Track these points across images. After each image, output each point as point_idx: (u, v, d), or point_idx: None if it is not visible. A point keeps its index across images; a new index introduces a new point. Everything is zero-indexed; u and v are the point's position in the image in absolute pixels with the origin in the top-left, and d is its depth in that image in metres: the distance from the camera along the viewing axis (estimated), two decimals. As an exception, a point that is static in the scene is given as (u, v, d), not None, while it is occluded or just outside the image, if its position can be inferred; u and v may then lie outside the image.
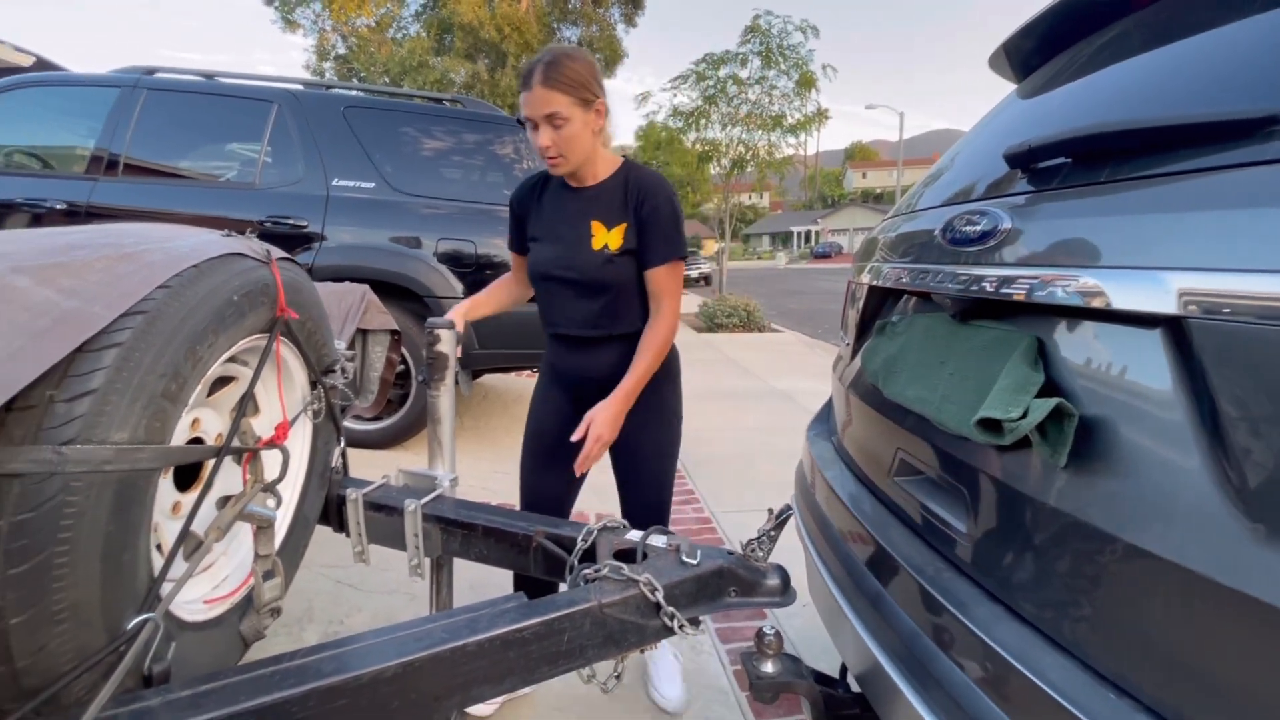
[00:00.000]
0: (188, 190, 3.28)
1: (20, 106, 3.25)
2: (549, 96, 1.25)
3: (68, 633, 0.62)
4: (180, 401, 0.73)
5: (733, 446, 4.07)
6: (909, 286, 1.19)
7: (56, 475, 0.59)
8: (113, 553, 0.64)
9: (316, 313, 1.06)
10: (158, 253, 0.73)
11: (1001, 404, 0.79)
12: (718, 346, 8.45)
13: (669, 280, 1.40)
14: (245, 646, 0.95)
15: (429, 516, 1.19)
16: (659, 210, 1.35)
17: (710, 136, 11.76)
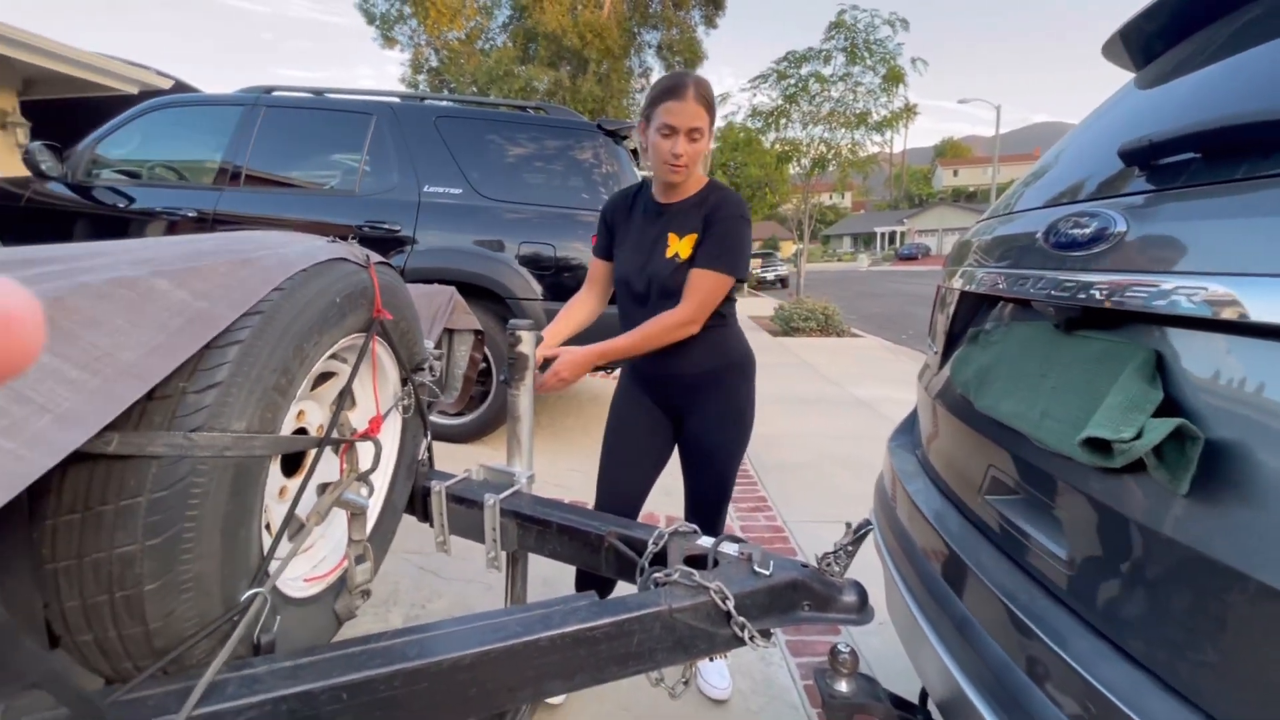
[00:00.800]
0: (297, 198, 3.57)
1: (159, 125, 3.65)
2: (699, 112, 1.34)
3: (191, 601, 0.69)
4: (289, 395, 0.79)
5: (807, 454, 3.96)
6: (1006, 293, 1.11)
7: (186, 459, 0.66)
8: (230, 530, 0.71)
9: (409, 314, 1.13)
10: (273, 258, 0.80)
11: (1112, 423, 0.72)
12: (794, 351, 8.26)
13: (703, 283, 1.41)
14: (338, 624, 1.02)
15: (506, 511, 1.23)
16: (722, 224, 1.40)
17: (790, 136, 11.52)
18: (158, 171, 3.69)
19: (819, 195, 12.98)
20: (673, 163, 1.36)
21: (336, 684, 0.72)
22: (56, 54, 6.02)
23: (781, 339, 9.42)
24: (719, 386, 1.54)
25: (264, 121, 3.53)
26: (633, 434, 1.61)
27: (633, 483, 1.61)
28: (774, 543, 2.72)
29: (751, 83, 11.10)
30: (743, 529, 2.85)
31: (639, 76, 11.32)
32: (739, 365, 1.56)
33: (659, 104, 1.35)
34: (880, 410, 5.11)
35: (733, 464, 1.59)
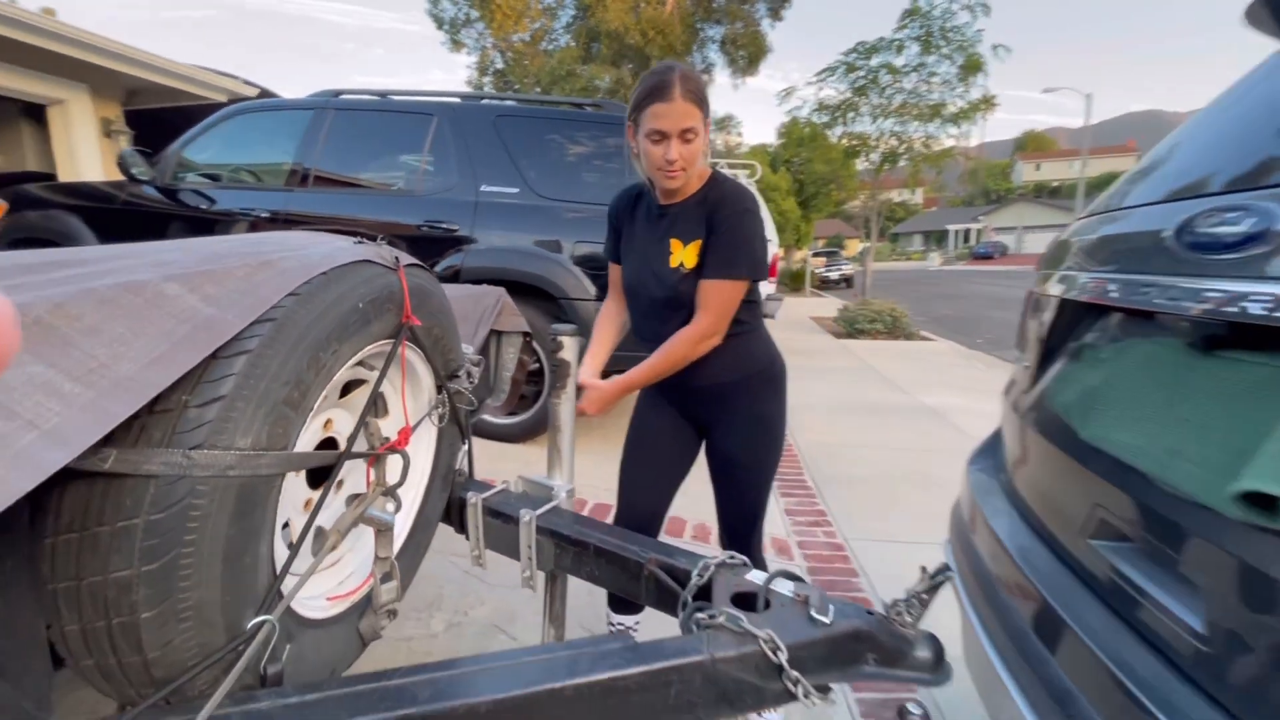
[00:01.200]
0: (361, 198, 3.65)
1: (238, 129, 3.81)
2: (689, 110, 1.22)
3: (191, 630, 0.64)
4: (303, 408, 0.74)
5: (872, 466, 3.74)
6: (1120, 302, 0.95)
7: (185, 479, 0.61)
8: (233, 556, 0.66)
9: (444, 319, 1.07)
10: (293, 260, 0.75)
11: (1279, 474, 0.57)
12: (858, 354, 7.91)
13: (717, 293, 1.29)
14: (363, 645, 0.98)
15: (543, 529, 1.16)
16: (727, 223, 1.28)
17: (858, 130, 11.06)
18: (236, 174, 3.86)
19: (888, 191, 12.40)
20: (667, 169, 1.25)
21: (341, 727, 0.66)
22: (156, 66, 6.46)
23: (845, 341, 9.07)
24: (744, 397, 1.43)
25: (332, 124, 3.64)
26: (653, 444, 1.53)
27: (653, 495, 1.53)
28: (833, 561, 2.56)
29: (818, 76, 10.72)
30: (800, 545, 2.70)
31: (701, 72, 11.10)
32: (765, 374, 1.45)
33: (645, 107, 1.23)
34: (951, 420, 4.79)
35: (763, 480, 1.48)
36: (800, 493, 3.31)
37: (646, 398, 1.57)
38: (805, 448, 4.06)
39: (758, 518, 1.52)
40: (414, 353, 1.01)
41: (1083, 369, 1.02)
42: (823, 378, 6.35)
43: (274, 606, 0.72)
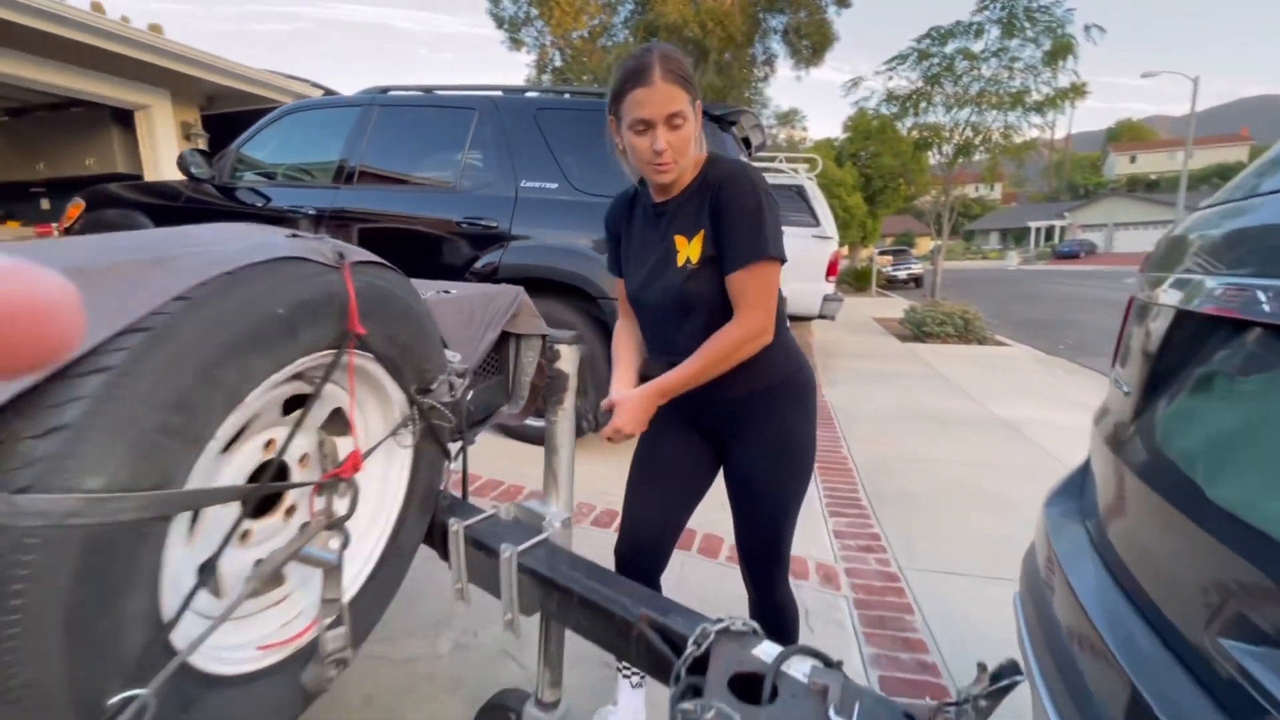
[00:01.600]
0: (404, 195, 3.62)
1: (291, 128, 3.88)
2: (673, 93, 1.09)
3: (24, 714, 0.52)
4: (198, 438, 0.61)
5: (933, 483, 3.41)
6: (1271, 318, 0.71)
7: (5, 530, 0.48)
8: (81, 623, 0.54)
9: (414, 324, 0.93)
10: (198, 257, 0.62)
11: None
12: (924, 358, 7.43)
13: (750, 284, 1.12)
14: (306, 699, 0.85)
15: (525, 567, 1.00)
16: (734, 202, 1.12)
17: (930, 121, 10.42)
18: (287, 171, 3.93)
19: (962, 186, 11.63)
20: (656, 162, 1.11)
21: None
22: (230, 71, 6.77)
23: (911, 345, 8.55)
24: (767, 410, 1.25)
25: (377, 121, 3.63)
26: (663, 463, 1.36)
27: (660, 522, 1.36)
28: (885, 594, 2.30)
29: (887, 64, 10.17)
30: (848, 573, 2.45)
31: (762, 64, 10.72)
32: (789, 384, 1.26)
33: (624, 96, 1.10)
34: (1027, 433, 4.36)
35: (788, 505, 1.29)
36: (852, 512, 3.04)
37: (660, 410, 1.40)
38: (861, 460, 3.77)
39: (782, 547, 1.33)
40: (372, 364, 0.88)
41: (1211, 404, 0.78)
42: (884, 383, 5.97)
43: (152, 676, 0.60)
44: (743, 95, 10.14)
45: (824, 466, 3.65)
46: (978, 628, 2.08)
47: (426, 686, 1.61)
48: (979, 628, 2.07)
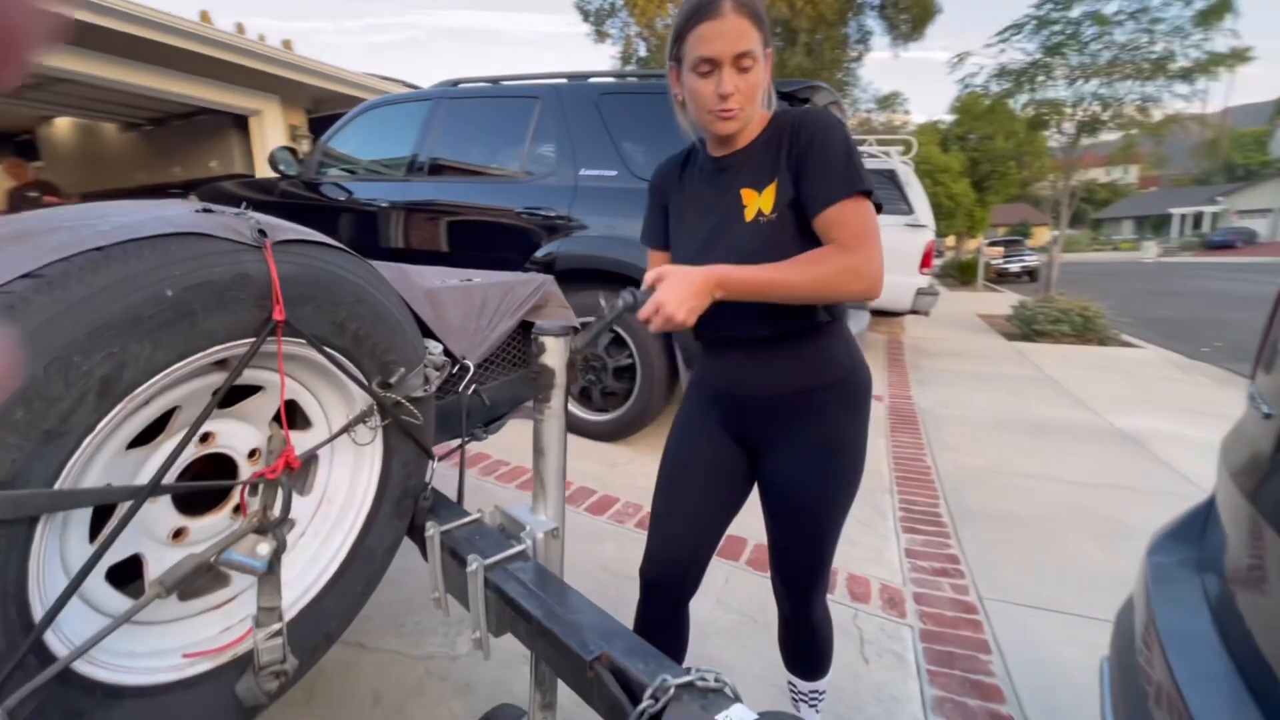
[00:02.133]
0: (468, 185, 3.66)
1: (371, 124, 4.03)
2: (744, 28, 0.95)
3: None
4: (58, 433, 0.55)
5: (1032, 502, 3.02)
6: None
7: None
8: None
9: (368, 310, 0.85)
10: (66, 232, 0.56)
11: None
12: (1034, 360, 6.71)
13: (853, 217, 0.95)
14: (243, 711, 0.79)
15: (491, 583, 0.90)
16: (816, 140, 0.98)
17: (1050, 96, 9.38)
18: (368, 165, 4.09)
19: (1088, 169, 10.38)
20: (720, 109, 0.97)
21: None
22: (336, 77, 7.22)
23: (1019, 344, 7.75)
24: (812, 413, 1.08)
25: (447, 113, 3.69)
26: (696, 471, 1.20)
27: (692, 539, 1.21)
28: (958, 626, 2.03)
29: (999, 35, 9.24)
30: (916, 598, 2.19)
31: (856, 43, 10.01)
32: (843, 385, 1.09)
33: (687, 33, 0.97)
34: (1152, 449, 3.79)
35: (830, 520, 1.12)
36: (930, 529, 2.73)
37: (689, 409, 1.25)
38: (947, 472, 3.41)
39: (822, 564, 1.18)
40: (312, 353, 0.80)
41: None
42: (982, 386, 5.43)
43: (12, 690, 0.54)
44: (834, 78, 9.56)
45: (903, 477, 3.33)
46: (1069, 677, 1.77)
47: (436, 688, 1.56)
48: (1071, 676, 1.77)
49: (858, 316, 4.04)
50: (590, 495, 2.81)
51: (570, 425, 3.67)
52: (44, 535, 0.58)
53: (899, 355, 6.85)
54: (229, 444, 0.79)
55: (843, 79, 10.07)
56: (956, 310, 11.19)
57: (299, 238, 0.75)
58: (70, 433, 0.56)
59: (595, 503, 2.75)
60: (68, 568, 0.61)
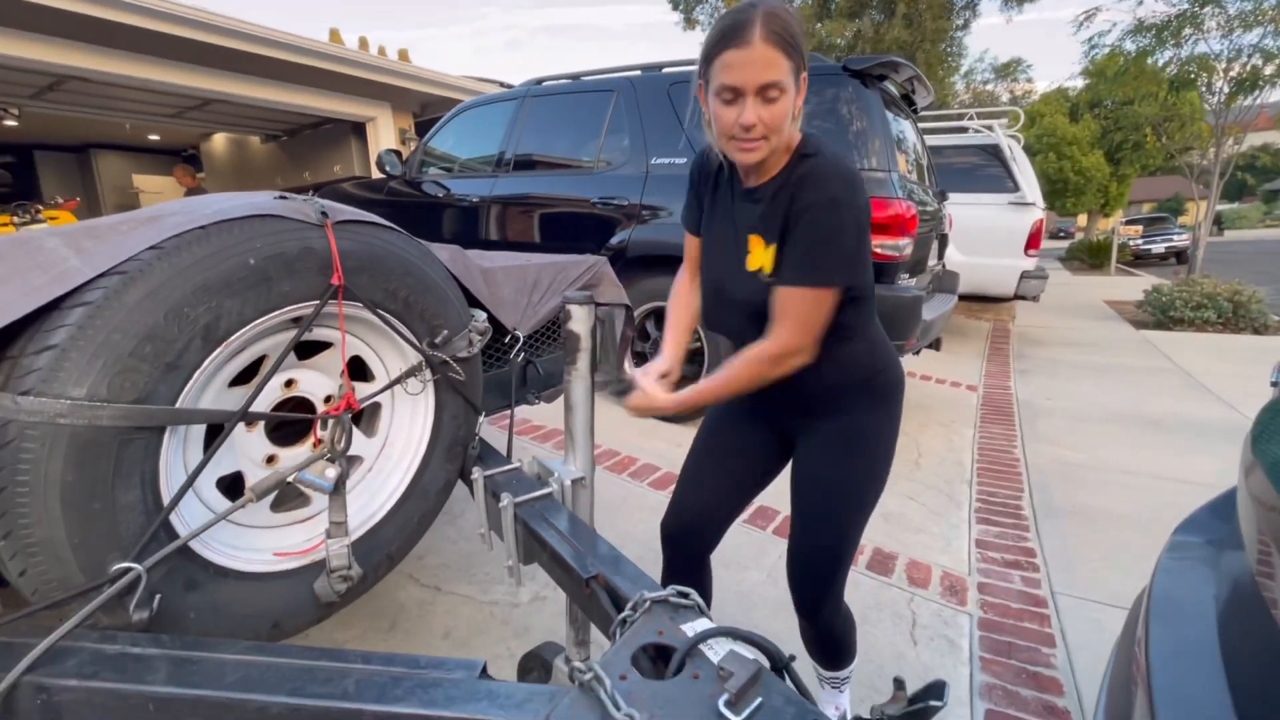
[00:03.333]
0: (548, 178, 3.86)
1: (465, 124, 4.34)
2: (772, 57, 0.92)
3: (44, 564, 0.69)
4: (175, 366, 0.73)
5: (1129, 500, 2.78)
6: None
7: (12, 422, 0.64)
8: (76, 500, 0.69)
9: (416, 281, 1.01)
10: (181, 215, 0.75)
11: None
12: (1163, 349, 6.03)
13: (793, 304, 1.00)
14: (321, 605, 0.98)
15: (519, 517, 1.04)
16: (806, 216, 0.98)
17: (1199, 53, 8.26)
18: (463, 163, 4.42)
19: (1242, 134, 8.98)
20: (742, 139, 0.96)
21: (147, 692, 0.64)
22: (439, 82, 7.78)
23: (1149, 333, 6.97)
24: (837, 409, 1.12)
25: (531, 111, 3.91)
26: (723, 448, 1.28)
27: (710, 507, 1.28)
28: (1022, 618, 1.95)
29: (1137, -14, 8.24)
30: (980, 587, 2.12)
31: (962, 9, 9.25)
32: (869, 385, 1.13)
33: (715, 58, 0.95)
34: (1300, 451, 3.32)
35: (849, 515, 1.15)
36: (1006, 521, 2.61)
37: None
38: (1036, 465, 3.21)
39: (838, 560, 1.19)
40: (370, 315, 0.97)
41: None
42: (1094, 377, 4.98)
43: (149, 555, 0.74)
44: (936, 50, 8.94)
45: (985, 468, 3.18)
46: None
47: (498, 630, 1.75)
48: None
49: (943, 300, 3.85)
50: (655, 471, 2.93)
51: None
52: (169, 444, 0.78)
53: (1003, 344, 6.39)
54: (308, 389, 0.98)
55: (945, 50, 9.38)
56: (1081, 296, 10.19)
57: (355, 218, 0.92)
58: (184, 367, 0.75)
59: (659, 478, 2.86)
60: (188, 469, 0.81)
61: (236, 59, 5.87)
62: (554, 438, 3.27)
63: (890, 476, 1.20)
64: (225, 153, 10.02)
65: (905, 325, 2.99)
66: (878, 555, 2.29)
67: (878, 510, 1.22)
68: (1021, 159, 5.84)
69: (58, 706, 0.65)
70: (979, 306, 7.88)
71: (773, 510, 2.51)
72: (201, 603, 0.83)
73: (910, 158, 3.55)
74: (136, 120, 8.05)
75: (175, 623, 0.80)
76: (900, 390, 1.16)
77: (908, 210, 2.92)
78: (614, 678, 0.63)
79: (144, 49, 5.59)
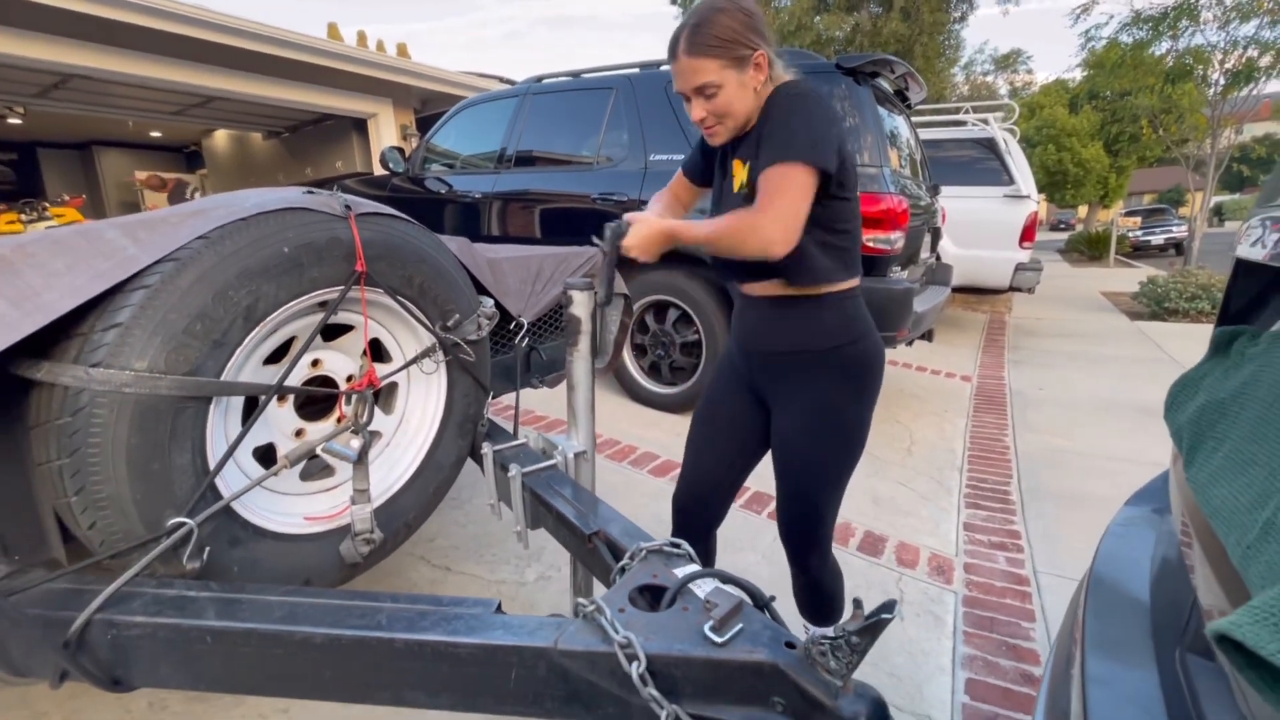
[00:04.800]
0: (549, 174, 3.94)
1: (466, 121, 4.42)
2: (696, 66, 1.11)
3: (110, 518, 0.78)
4: (221, 343, 0.83)
5: (1112, 484, 2.88)
6: None
7: (85, 390, 0.73)
8: (139, 461, 0.78)
9: (429, 268, 1.10)
10: (224, 209, 0.84)
11: None
12: (1156, 340, 6.11)
13: (769, 181, 1.06)
14: (346, 565, 1.07)
15: (527, 486, 1.14)
16: (774, 115, 1.11)
17: (1196, 44, 8.31)
18: (465, 160, 4.50)
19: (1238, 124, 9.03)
20: (703, 128, 1.19)
21: (204, 625, 0.74)
22: (440, 78, 7.84)
23: (1144, 324, 7.05)
24: (805, 375, 1.20)
25: (531, 107, 3.99)
26: (723, 418, 1.36)
27: (716, 478, 1.36)
28: (1005, 595, 2.05)
29: (1133, -21, 8.29)
30: (966, 568, 2.22)
31: (960, 2, 9.29)
32: (839, 352, 1.19)
33: None
34: None
35: (824, 480, 1.23)
36: (994, 505, 2.70)
37: (722, 361, 1.43)
38: (1026, 452, 3.30)
39: (817, 520, 1.28)
40: (390, 300, 1.06)
41: (1215, 373, 0.62)
42: (1088, 367, 5.06)
43: (198, 512, 0.84)
44: (934, 42, 9.00)
45: (976, 455, 3.27)
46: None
47: (506, 606, 1.84)
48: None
49: (936, 292, 3.93)
50: (654, 459, 3.02)
51: (641, 397, 3.90)
52: (214, 413, 0.87)
53: (999, 335, 6.48)
54: (332, 369, 1.07)
55: (943, 42, 9.44)
56: (1078, 288, 10.25)
57: (376, 211, 1.01)
58: (229, 344, 0.84)
59: (658, 466, 2.96)
60: (228, 438, 0.90)
61: (238, 56, 5.95)
62: (557, 427, 3.36)
63: (883, 463, 1.29)
64: (227, 149, 10.10)
65: (897, 316, 3.07)
66: (868, 538, 2.38)
67: (869, 494, 1.31)
68: (1016, 152, 5.91)
69: (125, 641, 0.74)
70: (975, 299, 7.97)
71: (767, 496, 2.60)
72: (243, 558, 0.92)
73: (903, 153, 3.63)
74: (139, 117, 8.13)
75: (221, 575, 0.89)
76: (875, 365, 1.22)
77: (899, 205, 3.00)
78: (614, 609, 0.72)
79: (147, 47, 5.66)
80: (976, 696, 1.64)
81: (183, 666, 0.74)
